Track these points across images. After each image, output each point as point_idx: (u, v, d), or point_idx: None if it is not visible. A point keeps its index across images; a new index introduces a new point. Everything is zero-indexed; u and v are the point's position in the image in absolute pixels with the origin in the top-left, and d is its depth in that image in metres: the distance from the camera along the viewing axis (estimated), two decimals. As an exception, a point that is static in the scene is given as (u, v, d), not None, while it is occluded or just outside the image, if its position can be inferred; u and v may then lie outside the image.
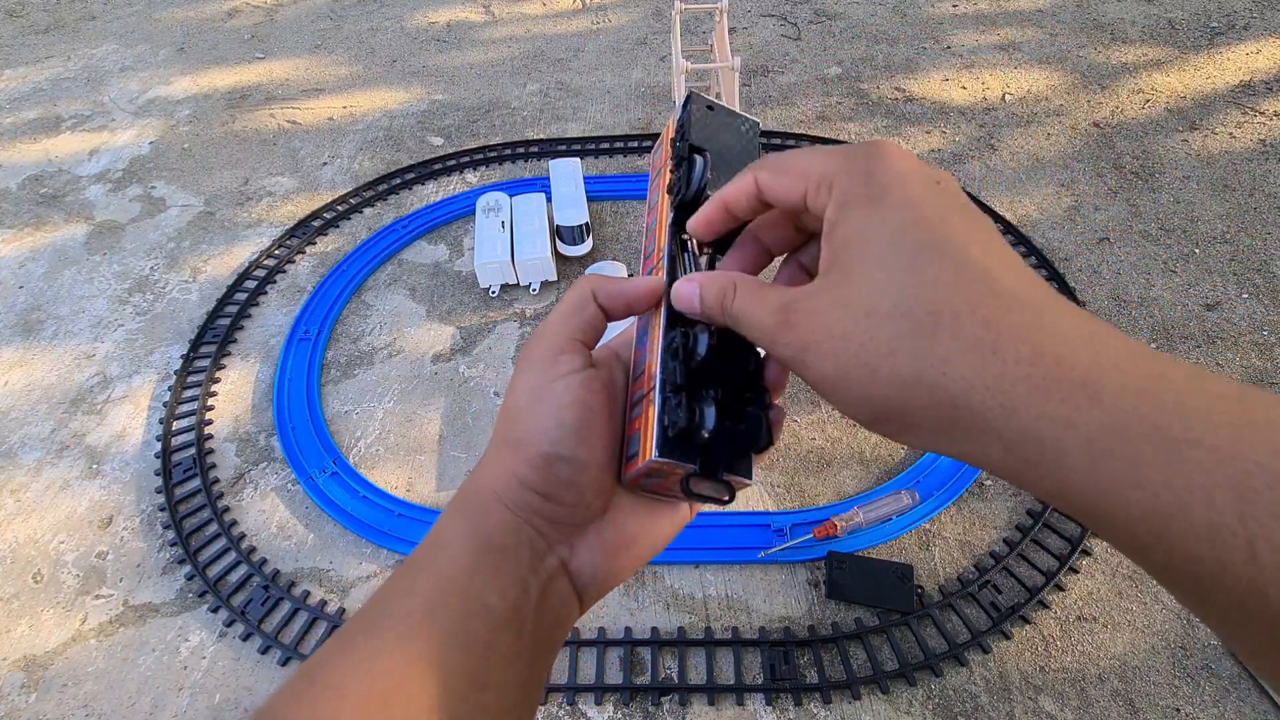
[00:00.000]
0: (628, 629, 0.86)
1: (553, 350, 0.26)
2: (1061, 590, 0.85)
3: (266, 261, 1.36)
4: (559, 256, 1.28)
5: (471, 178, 1.52)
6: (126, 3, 2.37)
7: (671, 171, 0.30)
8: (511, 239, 1.25)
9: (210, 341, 1.23)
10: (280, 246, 1.39)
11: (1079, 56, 1.67)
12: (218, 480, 1.04)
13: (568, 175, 1.34)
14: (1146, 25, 1.74)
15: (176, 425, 1.11)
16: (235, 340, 1.23)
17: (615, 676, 0.82)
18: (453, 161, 1.54)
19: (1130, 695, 0.78)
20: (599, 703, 0.80)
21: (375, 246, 1.36)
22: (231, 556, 0.95)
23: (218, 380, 1.17)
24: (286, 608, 0.90)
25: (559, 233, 1.26)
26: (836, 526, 0.88)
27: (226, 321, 1.25)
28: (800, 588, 0.88)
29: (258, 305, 1.29)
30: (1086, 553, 0.88)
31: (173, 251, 1.42)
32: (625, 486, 0.27)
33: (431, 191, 1.49)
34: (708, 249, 0.29)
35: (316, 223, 1.43)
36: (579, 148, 1.54)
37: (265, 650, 0.87)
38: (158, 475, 1.04)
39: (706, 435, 0.24)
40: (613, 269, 1.21)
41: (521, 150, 1.56)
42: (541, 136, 1.60)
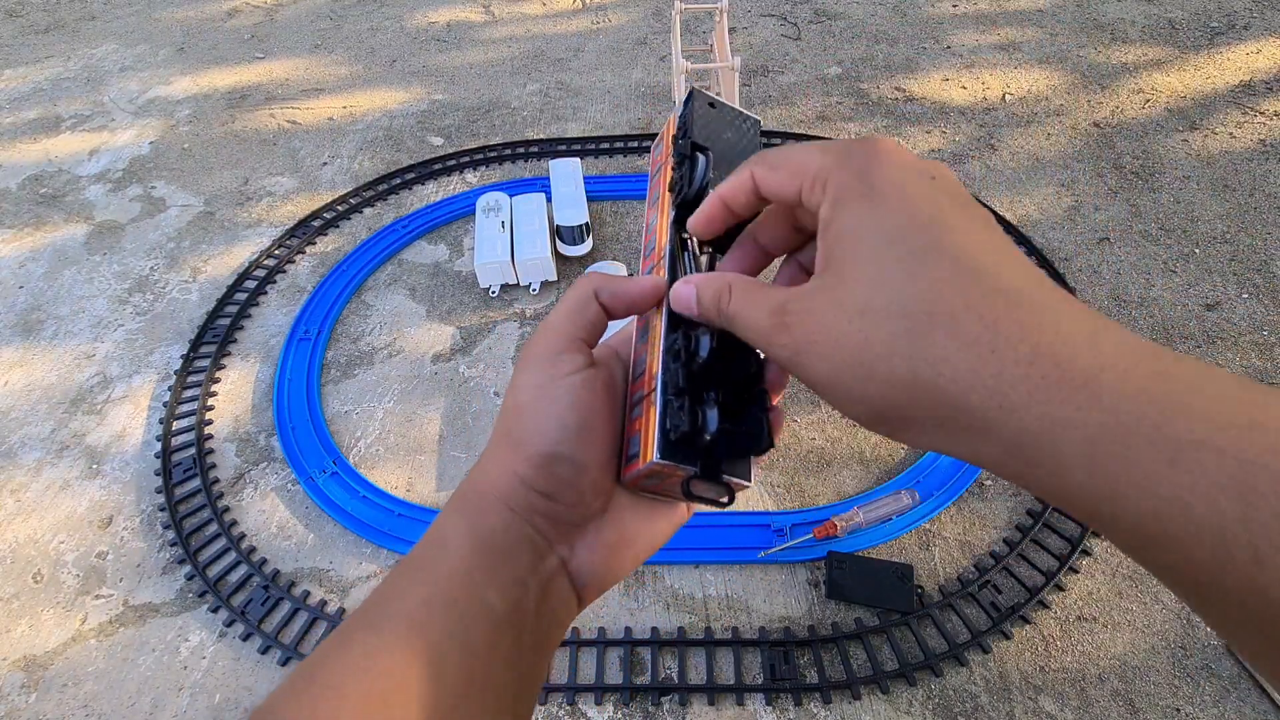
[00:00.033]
0: (628, 629, 0.86)
1: (555, 349, 0.26)
2: (1061, 590, 0.85)
3: (266, 261, 1.36)
4: (559, 256, 1.28)
5: (471, 178, 1.52)
6: (126, 3, 2.37)
7: (673, 169, 0.30)
8: (511, 239, 1.25)
9: (210, 341, 1.23)
10: (280, 246, 1.39)
11: (1079, 56, 1.67)
12: (218, 480, 1.04)
13: (568, 175, 1.34)
14: (1146, 25, 1.74)
15: (176, 425, 1.11)
16: (235, 340, 1.23)
17: (615, 676, 0.82)
18: (453, 161, 1.54)
19: (1130, 695, 0.78)
20: (599, 703, 0.80)
21: (375, 246, 1.36)
22: (231, 556, 0.95)
23: (218, 380, 1.17)
24: (286, 608, 0.90)
25: (559, 233, 1.26)
26: (836, 526, 0.88)
27: (226, 321, 1.25)
28: (800, 588, 0.88)
29: (258, 305, 1.29)
30: (1086, 553, 0.88)
31: (173, 251, 1.42)
32: (624, 486, 0.27)
33: (431, 191, 1.49)
34: (708, 248, 0.29)
35: (316, 223, 1.43)
36: (579, 148, 1.54)
37: (265, 650, 0.87)
38: (158, 475, 1.04)
39: (709, 439, 0.24)
40: (613, 269, 1.21)
41: (521, 150, 1.56)
42: (541, 136, 1.60)
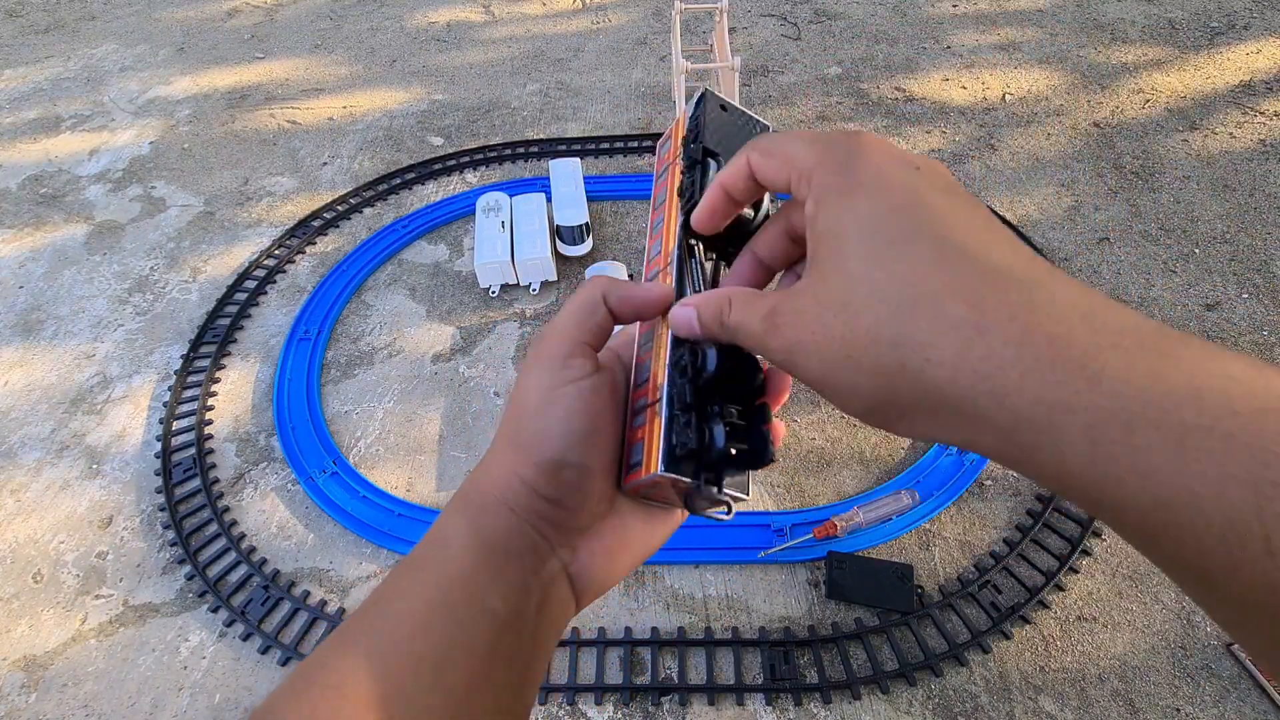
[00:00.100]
0: (628, 629, 0.86)
1: (563, 353, 0.26)
2: (1061, 590, 0.85)
3: (266, 261, 1.36)
4: (559, 256, 1.28)
5: (471, 178, 1.52)
6: (126, 3, 2.37)
7: (682, 172, 0.29)
8: (511, 239, 1.25)
9: (210, 341, 1.23)
10: (280, 246, 1.39)
11: (1079, 56, 1.67)
12: (218, 480, 1.04)
13: (568, 175, 1.34)
14: (1146, 25, 1.74)
15: (176, 425, 1.11)
16: (235, 340, 1.23)
17: (615, 676, 0.82)
18: (453, 161, 1.54)
19: (1130, 695, 0.78)
20: (599, 703, 0.80)
21: (375, 246, 1.36)
22: (231, 556, 0.95)
23: (218, 380, 1.17)
24: (286, 608, 0.90)
25: (559, 233, 1.26)
26: (836, 526, 0.88)
27: (226, 321, 1.25)
28: (800, 588, 0.88)
29: (258, 305, 1.29)
30: (1086, 553, 0.88)
31: (173, 251, 1.42)
32: (625, 493, 0.27)
33: (431, 191, 1.49)
34: (711, 254, 0.29)
35: (316, 223, 1.43)
36: (579, 148, 1.54)
37: (265, 650, 0.87)
38: (158, 475, 1.04)
39: (715, 456, 0.24)
40: (613, 269, 1.21)
41: (521, 150, 1.56)
42: (541, 136, 1.60)
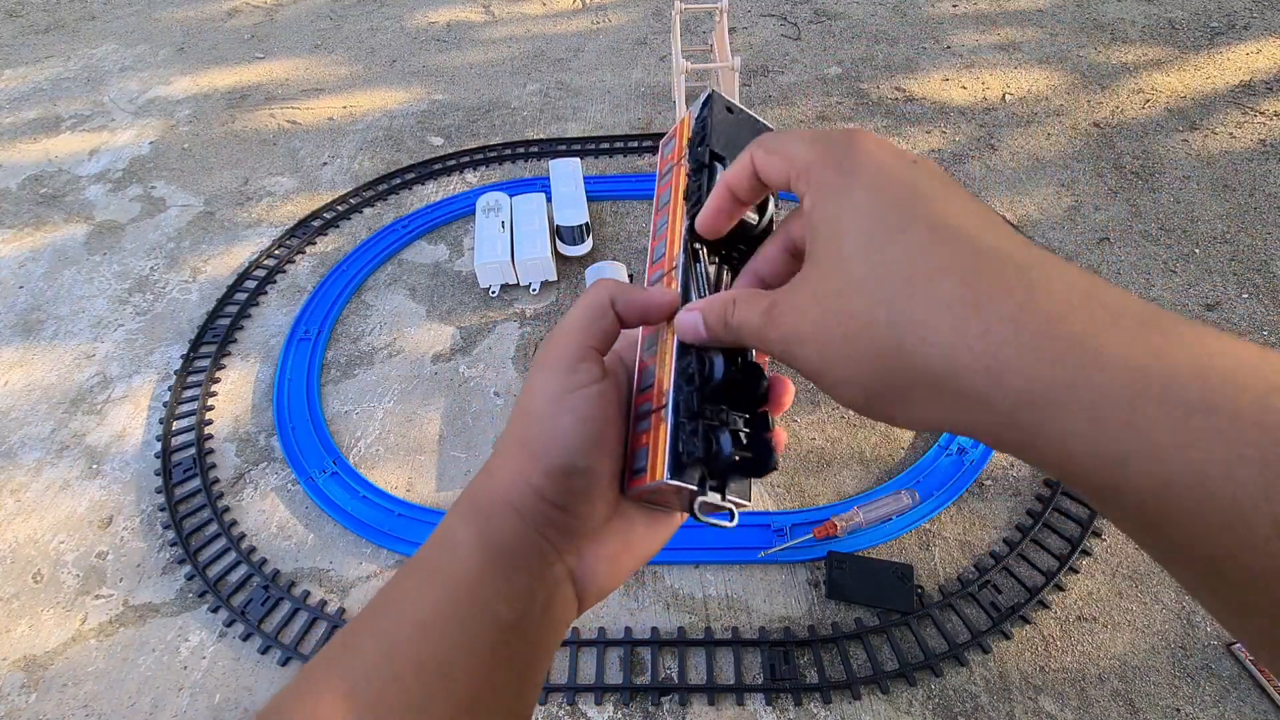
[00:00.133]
0: (628, 629, 0.86)
1: (572, 358, 0.26)
2: (1061, 590, 0.85)
3: (266, 261, 1.36)
4: (559, 256, 1.28)
5: (471, 178, 1.52)
6: (126, 3, 2.37)
7: (688, 175, 0.29)
8: (511, 239, 1.25)
9: (210, 341, 1.23)
10: (280, 246, 1.39)
11: (1079, 56, 1.67)
12: (218, 480, 1.04)
13: (568, 175, 1.34)
14: (1146, 25, 1.74)
15: (176, 425, 1.11)
16: (235, 340, 1.23)
17: (615, 676, 0.82)
18: (453, 161, 1.54)
19: (1130, 695, 0.78)
20: (599, 703, 0.80)
21: (375, 246, 1.36)
22: (231, 556, 0.95)
23: (218, 380, 1.17)
24: (286, 608, 0.90)
25: (559, 233, 1.26)
26: (836, 526, 0.88)
27: (226, 321, 1.25)
28: (800, 588, 0.88)
29: (258, 305, 1.29)
30: (1086, 553, 0.88)
31: (173, 251, 1.42)
32: (628, 498, 0.27)
33: (431, 191, 1.49)
34: (714, 258, 0.29)
35: (316, 223, 1.43)
36: (579, 148, 1.54)
37: (265, 650, 0.87)
38: (158, 475, 1.04)
39: (722, 465, 0.24)
40: (613, 269, 1.21)
41: (521, 150, 1.56)
42: (541, 136, 1.60)
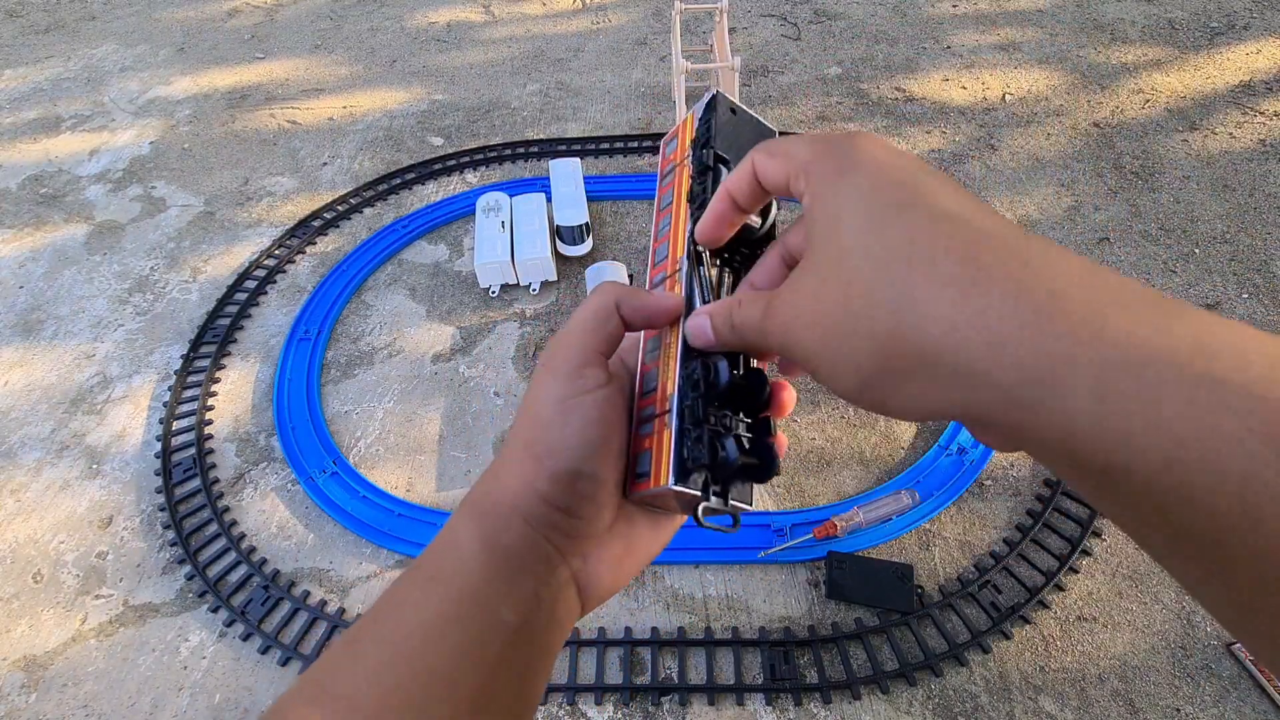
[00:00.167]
0: (628, 629, 0.86)
1: (579, 362, 0.26)
2: (1061, 590, 0.85)
3: (266, 261, 1.36)
4: (559, 256, 1.28)
5: (471, 178, 1.52)
6: (126, 3, 2.37)
7: (692, 178, 0.29)
8: (511, 239, 1.25)
9: (210, 341, 1.23)
10: (280, 246, 1.39)
11: (1079, 56, 1.67)
12: (218, 480, 1.04)
13: (568, 175, 1.34)
14: (1146, 25, 1.74)
15: (176, 425, 1.11)
16: (235, 340, 1.23)
17: (615, 676, 0.82)
18: (453, 161, 1.54)
19: (1130, 695, 0.78)
20: (599, 703, 0.80)
21: (375, 246, 1.36)
22: (231, 556, 0.95)
23: (218, 380, 1.17)
24: (286, 608, 0.90)
25: (559, 233, 1.26)
26: (836, 526, 0.88)
27: (226, 321, 1.25)
28: (800, 588, 0.88)
29: (258, 305, 1.29)
30: (1086, 553, 0.88)
31: (173, 251, 1.42)
32: (630, 501, 0.27)
33: (431, 191, 1.49)
34: (716, 260, 0.29)
35: (316, 223, 1.43)
36: (579, 148, 1.54)
37: (265, 650, 0.87)
38: (158, 475, 1.04)
39: (727, 471, 0.24)
40: (613, 269, 1.21)
41: (521, 150, 1.56)
42: (541, 136, 1.60)
